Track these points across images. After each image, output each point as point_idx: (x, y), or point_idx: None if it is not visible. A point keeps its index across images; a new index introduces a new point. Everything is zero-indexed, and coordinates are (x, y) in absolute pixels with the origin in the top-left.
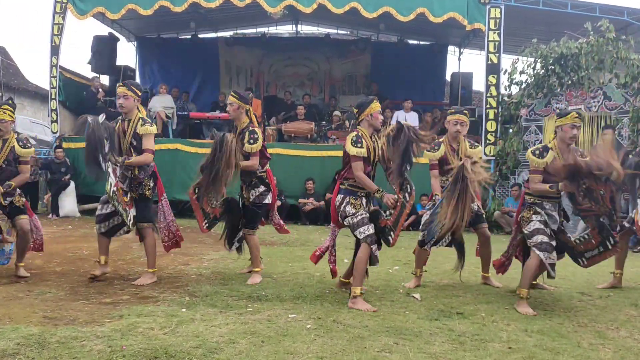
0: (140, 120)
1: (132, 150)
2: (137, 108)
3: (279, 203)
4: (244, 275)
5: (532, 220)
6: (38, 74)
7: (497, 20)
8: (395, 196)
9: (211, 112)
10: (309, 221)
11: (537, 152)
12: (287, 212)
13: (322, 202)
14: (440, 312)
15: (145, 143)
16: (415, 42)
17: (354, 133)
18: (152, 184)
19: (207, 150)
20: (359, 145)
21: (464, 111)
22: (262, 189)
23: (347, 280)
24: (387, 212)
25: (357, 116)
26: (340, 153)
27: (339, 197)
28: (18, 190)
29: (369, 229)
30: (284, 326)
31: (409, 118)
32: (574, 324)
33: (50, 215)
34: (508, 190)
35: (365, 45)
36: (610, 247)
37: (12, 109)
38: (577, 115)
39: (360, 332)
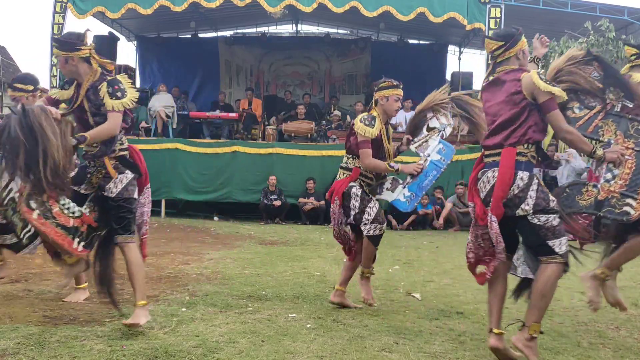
0: None
1: None
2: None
3: (278, 203)
4: (244, 275)
5: None
6: (38, 74)
7: (497, 20)
8: (620, 147)
9: (211, 112)
10: (309, 221)
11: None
12: (287, 211)
13: (323, 202)
14: (440, 311)
15: None
16: (415, 41)
17: (533, 71)
18: None
19: (208, 150)
20: (553, 84)
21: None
22: (129, 175)
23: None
24: (610, 176)
25: (501, 51)
26: (340, 153)
27: (522, 175)
28: None
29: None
30: (284, 325)
31: (409, 117)
32: (574, 323)
33: None
34: None
35: (365, 44)
36: None
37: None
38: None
39: (361, 331)
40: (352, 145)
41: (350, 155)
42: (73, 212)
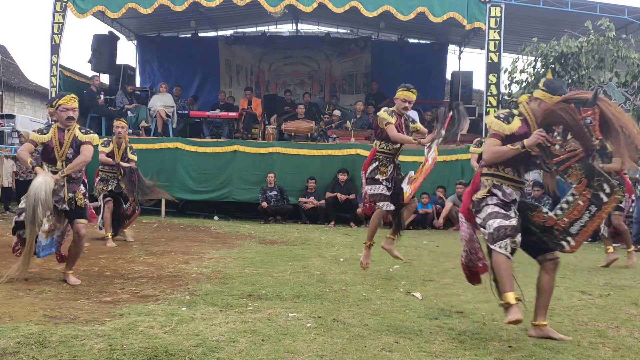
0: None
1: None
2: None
3: (289, 207)
4: (244, 274)
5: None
6: (38, 73)
7: (498, 19)
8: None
9: (211, 111)
10: (309, 220)
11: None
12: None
13: (323, 201)
14: (440, 310)
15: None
16: (415, 40)
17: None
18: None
19: (209, 149)
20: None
21: (412, 89)
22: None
23: (543, 323)
24: (560, 212)
25: None
26: (340, 152)
27: None
28: (82, 189)
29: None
30: (284, 325)
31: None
32: (574, 322)
33: None
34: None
35: (366, 43)
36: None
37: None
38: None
39: (361, 330)
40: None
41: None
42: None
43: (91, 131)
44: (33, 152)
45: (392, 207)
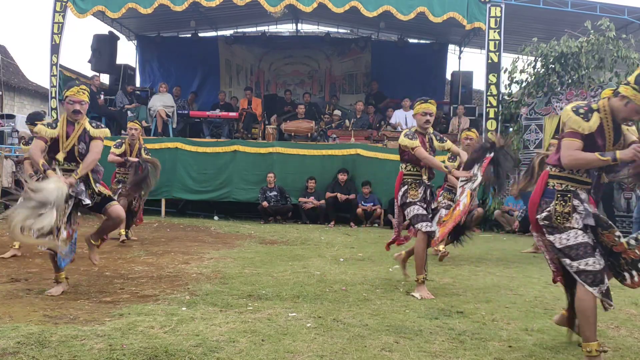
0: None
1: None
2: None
3: (288, 207)
4: (244, 274)
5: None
6: (38, 73)
7: (498, 19)
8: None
9: (211, 111)
10: (309, 220)
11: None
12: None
13: (323, 201)
14: (440, 310)
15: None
16: (415, 40)
17: None
18: None
19: (209, 149)
20: None
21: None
22: None
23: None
24: (634, 242)
25: None
26: (340, 152)
27: None
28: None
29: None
30: (284, 325)
31: (409, 117)
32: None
33: None
34: (508, 188)
35: (366, 43)
36: None
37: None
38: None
39: (361, 330)
40: None
41: None
42: None
43: (102, 125)
44: (44, 150)
45: (433, 228)
